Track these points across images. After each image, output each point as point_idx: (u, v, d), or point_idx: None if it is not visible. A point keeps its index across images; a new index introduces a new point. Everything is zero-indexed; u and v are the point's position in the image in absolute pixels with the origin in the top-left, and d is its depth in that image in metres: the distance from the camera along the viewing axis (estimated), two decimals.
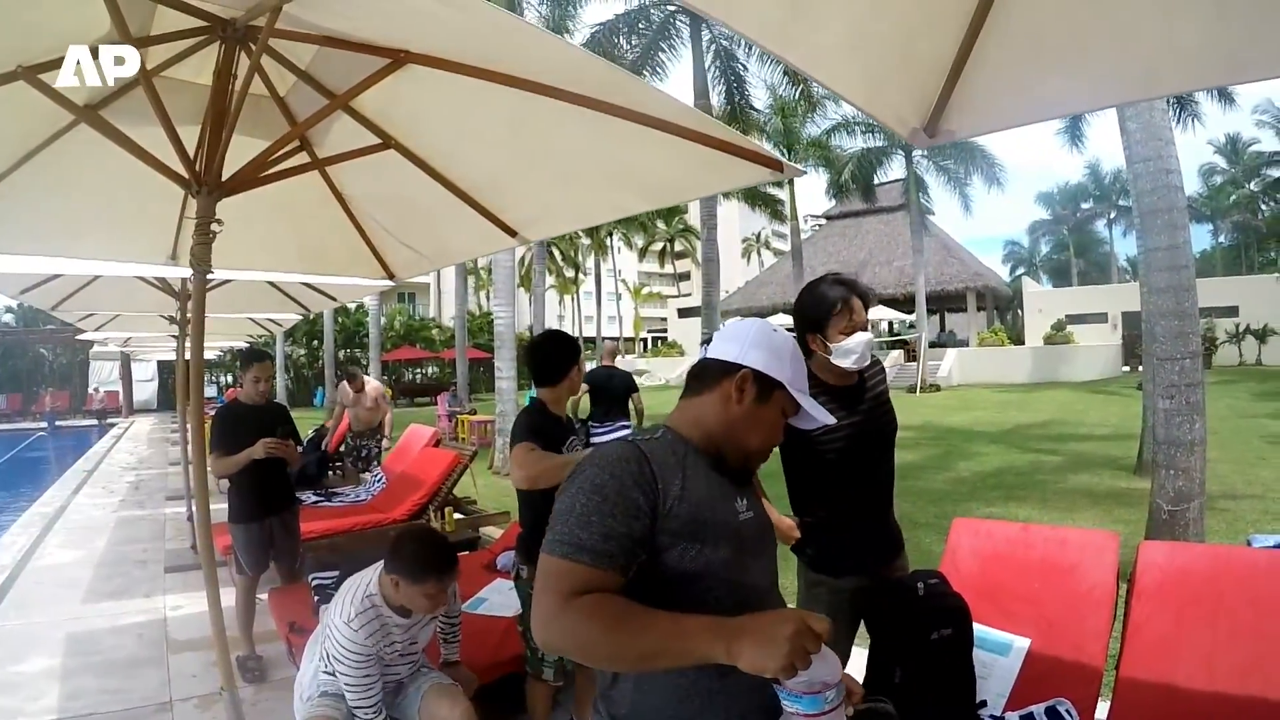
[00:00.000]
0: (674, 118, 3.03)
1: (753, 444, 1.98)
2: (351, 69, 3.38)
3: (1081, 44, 2.26)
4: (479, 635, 4.53)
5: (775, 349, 1.97)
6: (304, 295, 8.85)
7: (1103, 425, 18.60)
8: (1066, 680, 3.46)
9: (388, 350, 39.37)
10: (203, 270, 3.35)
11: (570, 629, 1.64)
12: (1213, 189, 64.18)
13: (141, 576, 8.14)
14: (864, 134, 33.07)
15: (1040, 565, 3.92)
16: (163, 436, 24.94)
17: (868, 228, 46.04)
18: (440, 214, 4.63)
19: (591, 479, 1.76)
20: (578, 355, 4.03)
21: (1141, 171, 8.19)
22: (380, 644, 3.41)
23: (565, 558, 1.68)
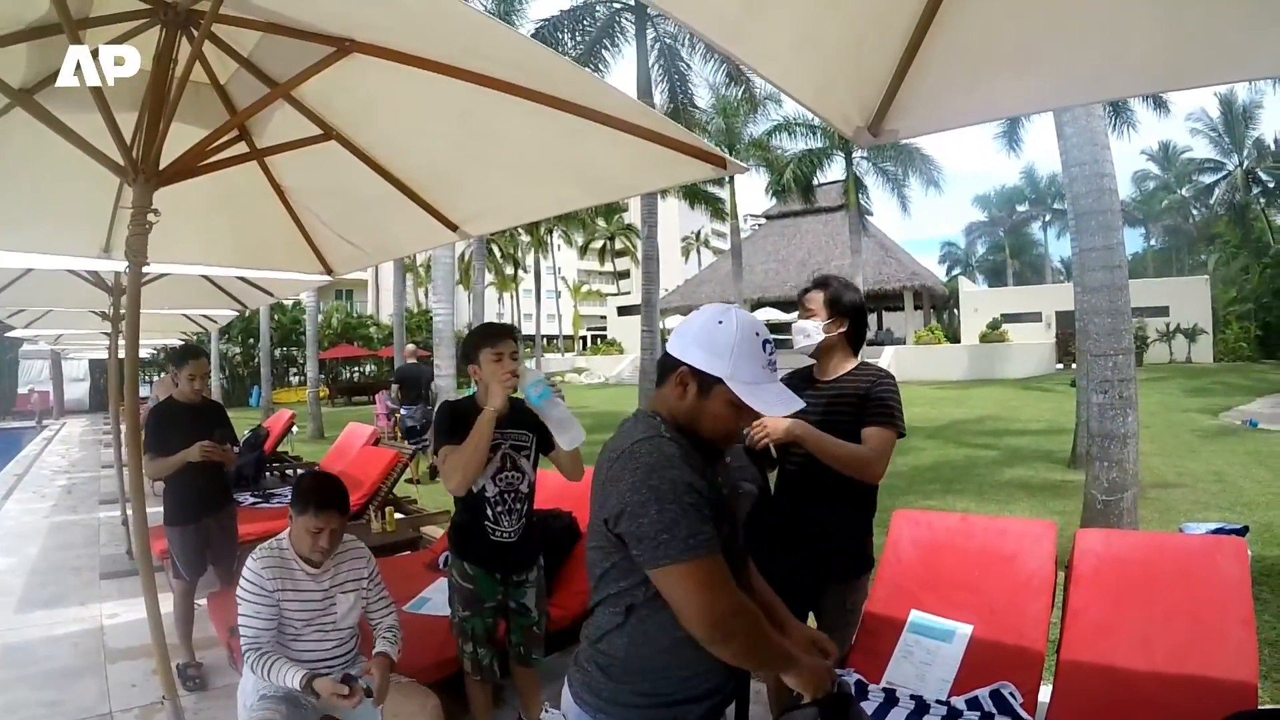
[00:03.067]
0: (620, 112, 3.03)
1: (705, 433, 2.09)
2: (295, 57, 3.31)
3: (1020, 51, 2.33)
4: (423, 635, 4.49)
5: (715, 345, 2.03)
6: (240, 290, 8.66)
7: (1037, 420, 18.95)
8: (1009, 664, 3.54)
9: (325, 348, 38.93)
10: (138, 262, 3.25)
11: (750, 628, 1.94)
12: (1145, 194, 65.88)
13: (76, 584, 7.92)
14: (805, 135, 33.26)
15: (980, 554, 4.01)
16: (95, 439, 24.40)
17: (807, 228, 46.36)
18: (381, 208, 4.57)
19: (679, 480, 1.93)
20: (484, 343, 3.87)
21: (1078, 175, 8.36)
22: (281, 586, 3.47)
23: (713, 554, 1.90)
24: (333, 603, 3.62)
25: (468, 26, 2.82)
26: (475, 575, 3.97)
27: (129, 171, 3.20)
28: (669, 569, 1.87)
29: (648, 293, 20.86)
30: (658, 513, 1.88)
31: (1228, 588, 3.43)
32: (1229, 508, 9.50)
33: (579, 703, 2.13)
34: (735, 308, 2.12)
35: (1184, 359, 38.28)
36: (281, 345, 41.69)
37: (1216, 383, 27.11)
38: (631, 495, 1.92)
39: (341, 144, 3.98)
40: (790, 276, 42.46)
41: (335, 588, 3.64)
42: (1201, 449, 14.00)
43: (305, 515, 3.46)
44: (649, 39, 22.58)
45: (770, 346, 2.07)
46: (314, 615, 3.58)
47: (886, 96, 2.44)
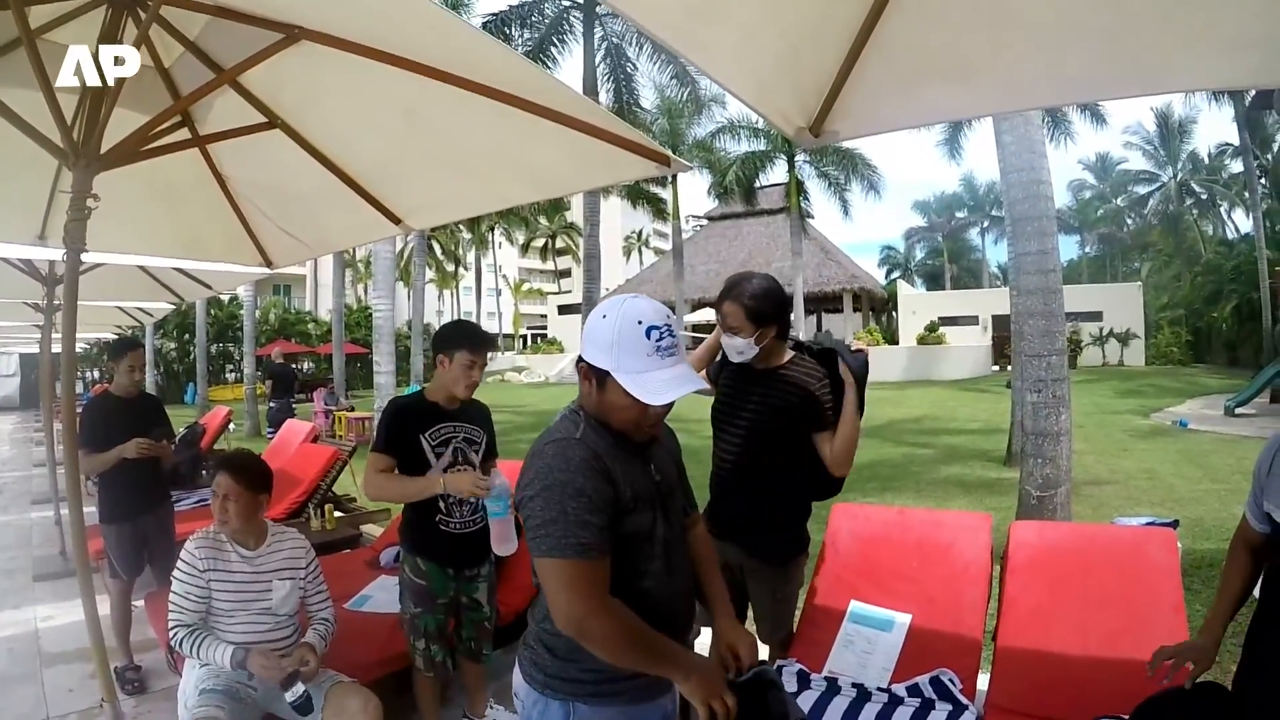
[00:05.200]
0: (567, 108, 3.03)
1: (615, 424, 2.15)
2: (242, 43, 3.25)
3: (956, 60, 2.41)
4: (365, 633, 4.47)
5: (598, 339, 2.08)
6: (178, 282, 8.45)
7: (973, 420, 19.24)
8: (948, 652, 3.62)
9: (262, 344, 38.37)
10: (77, 249, 3.19)
11: (607, 631, 2.00)
12: (1081, 203, 67.44)
13: (9, 587, 7.73)
14: (748, 138, 33.45)
15: (918, 546, 4.11)
16: (26, 436, 23.90)
17: (748, 229, 46.59)
18: (323, 200, 4.52)
19: (569, 483, 2.01)
20: (452, 346, 3.95)
21: (1015, 181, 8.53)
22: (212, 566, 3.53)
23: (580, 558, 1.97)
24: (268, 588, 3.62)
25: (418, 17, 2.80)
26: (428, 571, 3.99)
27: (69, 154, 3.12)
28: (541, 562, 2.01)
29: (589, 291, 20.86)
30: (542, 509, 2.00)
31: (1159, 576, 3.57)
32: (1160, 504, 9.72)
33: (528, 680, 2.21)
34: (627, 299, 2.13)
35: (1117, 362, 38.98)
36: (218, 341, 41.14)
37: (1148, 385, 27.62)
38: (527, 489, 2.05)
39: (286, 133, 3.93)
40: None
41: (271, 572, 3.65)
42: (1134, 448, 14.33)
43: (217, 477, 3.59)
44: (596, 38, 22.60)
45: (658, 332, 2.06)
46: (247, 599, 3.59)
47: (828, 99, 2.50)
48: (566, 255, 70.79)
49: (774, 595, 3.67)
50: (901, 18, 2.18)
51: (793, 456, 3.52)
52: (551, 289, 79.13)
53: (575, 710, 2.13)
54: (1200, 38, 2.10)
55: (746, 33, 2.27)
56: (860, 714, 3.36)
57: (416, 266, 32.72)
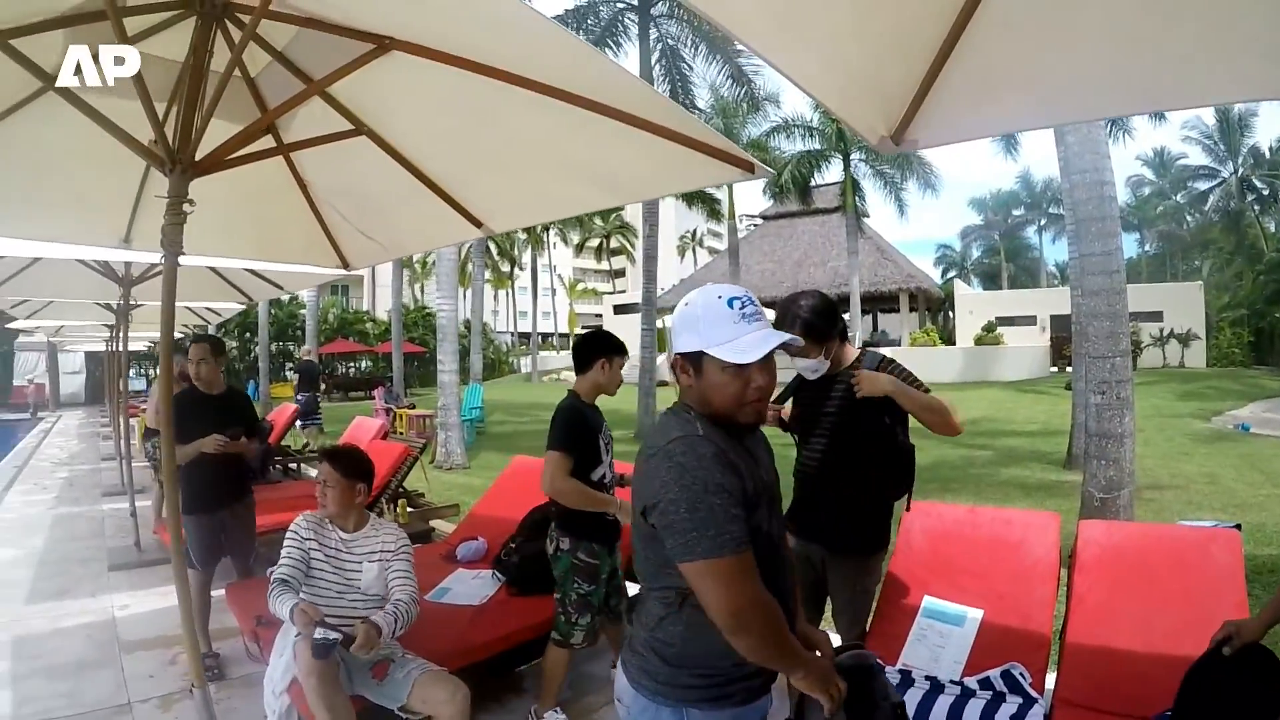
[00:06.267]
0: (651, 114, 3.08)
1: (719, 408, 2.16)
2: (330, 53, 3.37)
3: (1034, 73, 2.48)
4: (446, 623, 4.60)
5: (687, 325, 2.16)
6: (249, 283, 8.64)
7: (1032, 422, 19.02)
8: (1017, 647, 3.68)
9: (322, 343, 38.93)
10: (174, 252, 3.33)
11: (764, 623, 2.01)
12: (1140, 199, 65.79)
13: (84, 575, 7.90)
14: (803, 137, 33.29)
15: (988, 543, 4.18)
16: (93, 431, 24.38)
17: (803, 229, 46.25)
18: (404, 204, 4.63)
19: (709, 480, 2.00)
20: (607, 352, 4.42)
21: (1078, 182, 8.49)
22: (308, 534, 3.86)
23: (735, 553, 1.97)
24: (359, 570, 3.86)
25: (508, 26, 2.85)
26: (599, 553, 4.35)
27: (166, 162, 3.24)
28: (696, 564, 1.98)
29: (648, 291, 20.87)
30: (688, 511, 1.97)
31: (1222, 576, 3.62)
32: (1221, 508, 9.62)
33: (635, 686, 2.22)
34: (707, 286, 2.22)
35: (1177, 364, 38.18)
36: (277, 340, 41.69)
37: (1209, 387, 27.11)
38: (664, 492, 2.01)
39: (372, 139, 4.05)
40: (786, 277, 42.42)
41: (364, 556, 3.90)
42: (1195, 452, 14.11)
43: (320, 467, 3.91)
44: (651, 39, 22.60)
45: (739, 301, 2.13)
46: (340, 576, 3.86)
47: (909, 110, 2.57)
48: (620, 255, 70.87)
49: (854, 589, 3.77)
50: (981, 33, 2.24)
51: (873, 455, 3.66)
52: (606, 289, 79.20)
53: (688, 715, 2.15)
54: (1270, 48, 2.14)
55: (835, 45, 2.34)
56: (934, 706, 3.43)
57: (475, 267, 32.91)
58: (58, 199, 4.69)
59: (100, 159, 4.12)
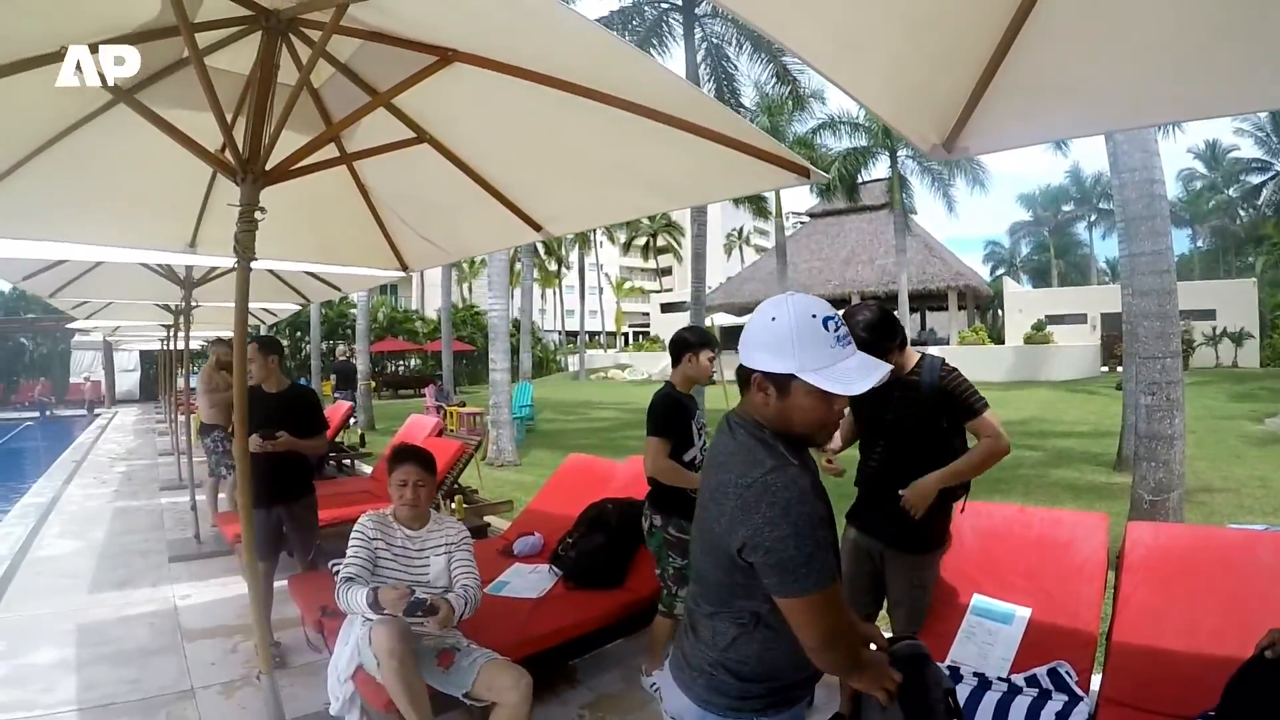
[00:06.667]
0: (707, 119, 3.14)
1: (799, 430, 2.11)
2: (393, 64, 3.47)
3: (1079, 81, 2.52)
4: (506, 615, 4.71)
5: (775, 344, 2.04)
6: (307, 285, 8.78)
7: (1082, 423, 18.81)
8: (1064, 645, 3.73)
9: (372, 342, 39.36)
10: (247, 257, 3.45)
11: (847, 639, 2.11)
12: (1192, 194, 64.12)
13: (145, 566, 8.09)
14: (849, 134, 33.14)
15: (1037, 542, 4.23)
16: (148, 427, 24.78)
17: (851, 226, 46.00)
18: (464, 208, 4.73)
19: (813, 513, 2.01)
20: (700, 347, 4.76)
21: (1128, 180, 8.45)
22: (375, 534, 3.95)
23: (835, 580, 2.03)
24: (426, 564, 4.00)
25: (567, 36, 2.91)
26: (690, 528, 4.31)
27: (238, 171, 3.37)
28: (799, 600, 1.98)
29: (696, 290, 20.87)
30: (796, 550, 1.94)
31: (1271, 579, 3.63)
32: (1273, 512, 9.50)
33: (704, 705, 2.22)
34: (789, 296, 2.09)
35: (1230, 363, 37.52)
36: (328, 339, 42.13)
37: (1262, 388, 26.51)
38: (769, 530, 1.95)
39: (434, 147, 4.15)
40: (834, 275, 42.27)
41: (429, 550, 4.03)
42: (1247, 454, 13.90)
43: (395, 472, 3.99)
44: (696, 38, 22.61)
45: (833, 323, 2.03)
46: (406, 572, 3.98)
47: (960, 118, 2.62)
48: (667, 254, 70.85)
49: (911, 583, 3.90)
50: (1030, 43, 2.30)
51: (932, 456, 3.78)
52: (652, 287, 79.25)
53: None
54: None
55: (891, 60, 2.42)
56: (981, 702, 3.47)
57: (524, 266, 33.03)
58: (127, 206, 4.84)
59: (168, 168, 4.27)
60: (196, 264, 7.75)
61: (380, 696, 3.66)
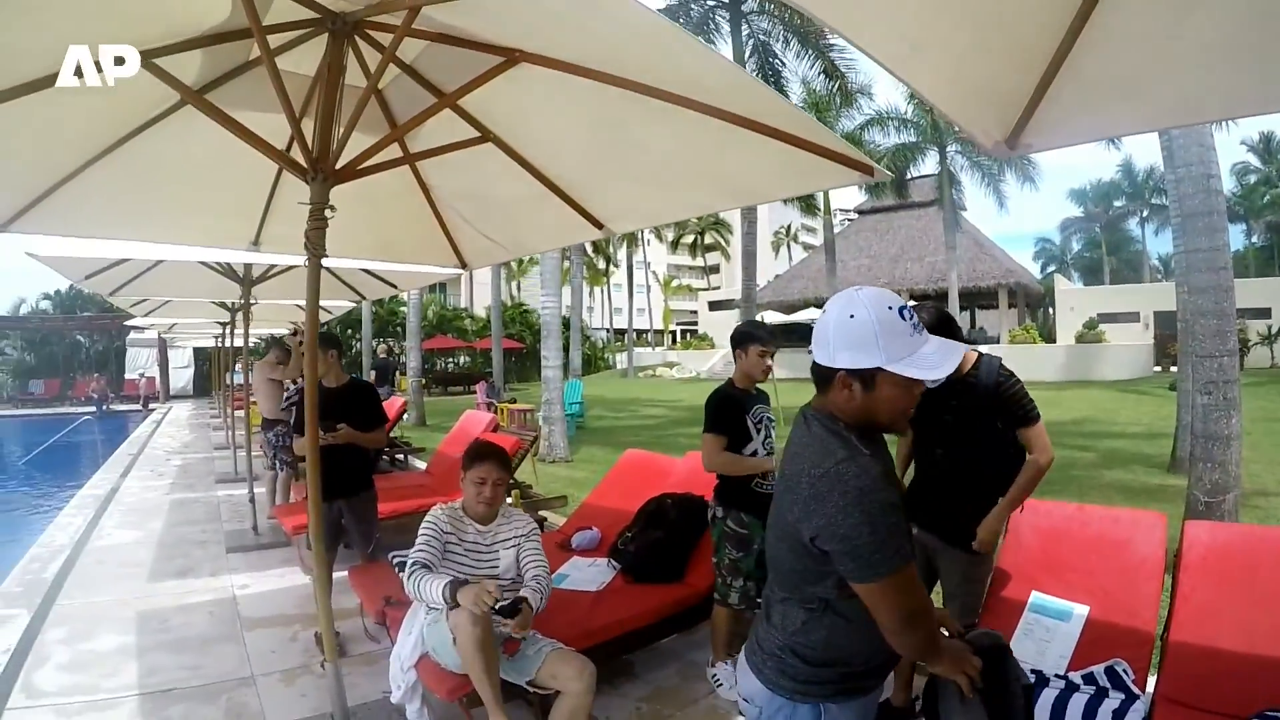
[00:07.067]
0: (773, 118, 3.15)
1: (883, 420, 2.16)
2: (457, 65, 3.52)
3: (1139, 79, 2.53)
4: (564, 607, 4.77)
5: (858, 340, 2.07)
6: (362, 282, 8.91)
7: (1135, 424, 18.52)
8: (1121, 643, 3.73)
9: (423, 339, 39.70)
10: (318, 254, 3.54)
11: (925, 620, 2.14)
12: (1246, 188, 62.55)
13: (203, 556, 8.24)
14: (897, 130, 32.97)
15: (1096, 541, 4.22)
16: (203, 422, 25.20)
17: (900, 223, 45.74)
18: (526, 205, 4.77)
19: (885, 500, 2.05)
20: (747, 342, 4.79)
21: (1184, 175, 8.37)
22: (448, 528, 4.00)
23: (907, 564, 2.05)
24: (496, 557, 4.06)
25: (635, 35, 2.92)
26: (749, 522, 4.71)
27: (309, 171, 3.45)
28: (874, 585, 2.03)
29: (747, 288, 20.86)
30: (870, 535, 1.98)
31: None
32: None
33: (772, 688, 2.29)
34: (858, 291, 2.14)
35: None
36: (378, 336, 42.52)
37: None
38: (843, 518, 2.00)
39: (498, 146, 4.20)
40: (883, 273, 42.01)
41: (499, 544, 4.09)
42: None
43: (471, 470, 4.03)
44: (744, 35, 22.60)
45: (907, 311, 2.09)
46: (476, 565, 4.05)
47: (1023, 116, 2.64)
48: (714, 251, 70.72)
49: (966, 577, 3.95)
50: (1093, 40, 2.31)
51: (988, 458, 3.85)
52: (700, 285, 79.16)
53: (826, 710, 2.24)
54: None
55: (958, 57, 2.45)
56: (1039, 698, 3.47)
57: (574, 265, 33.10)
58: (192, 206, 4.95)
59: (233, 168, 4.39)
60: (257, 261, 7.87)
61: (443, 684, 3.73)
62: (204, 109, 3.40)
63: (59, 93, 3.16)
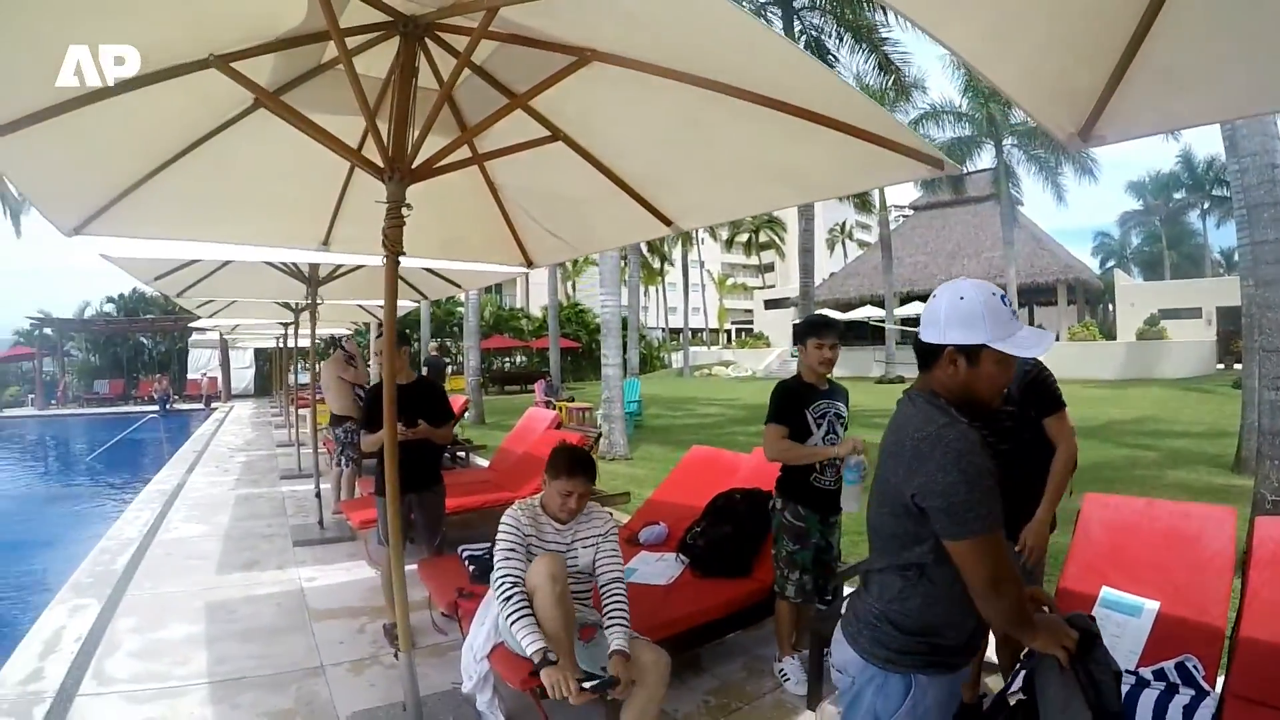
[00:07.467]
0: (845, 114, 3.15)
1: (982, 396, 2.35)
2: (527, 65, 3.57)
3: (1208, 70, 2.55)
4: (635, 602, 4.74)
5: (966, 317, 2.27)
6: (425, 282, 8.96)
7: (1197, 423, 18.17)
8: (1191, 640, 3.70)
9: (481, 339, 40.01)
10: (396, 251, 3.65)
11: (1015, 588, 2.21)
12: None
13: (270, 550, 8.39)
14: (952, 124, 32.67)
15: (1165, 536, 4.17)
16: (265, 421, 25.64)
17: (955, 219, 45.34)
18: (594, 203, 4.82)
19: (981, 465, 2.19)
20: (805, 335, 4.82)
21: (1248, 165, 8.24)
22: (529, 529, 3.98)
23: (998, 529, 2.19)
24: (575, 556, 4.07)
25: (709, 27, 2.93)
26: (806, 516, 4.79)
27: (386, 171, 3.54)
28: (966, 542, 2.16)
29: (805, 285, 20.82)
30: (966, 494, 2.14)
31: None
32: None
33: (866, 656, 2.40)
34: (963, 280, 2.36)
35: None
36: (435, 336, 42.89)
37: None
38: (942, 476, 2.16)
39: (568, 144, 4.23)
40: (939, 270, 41.64)
41: (577, 542, 4.10)
42: None
43: (558, 480, 3.98)
44: (796, 31, 22.50)
45: (1005, 299, 2.31)
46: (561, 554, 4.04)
47: (1096, 107, 2.66)
48: (769, 250, 70.49)
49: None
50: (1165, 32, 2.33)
51: (1029, 443, 3.89)
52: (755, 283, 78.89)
53: (916, 681, 2.33)
54: None
55: (1034, 50, 2.48)
56: None
57: (631, 264, 33.14)
58: (263, 207, 5.08)
59: (303, 170, 4.49)
60: (328, 261, 7.98)
61: (516, 674, 3.76)
62: (280, 111, 3.51)
63: (135, 98, 3.27)
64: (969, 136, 33.07)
